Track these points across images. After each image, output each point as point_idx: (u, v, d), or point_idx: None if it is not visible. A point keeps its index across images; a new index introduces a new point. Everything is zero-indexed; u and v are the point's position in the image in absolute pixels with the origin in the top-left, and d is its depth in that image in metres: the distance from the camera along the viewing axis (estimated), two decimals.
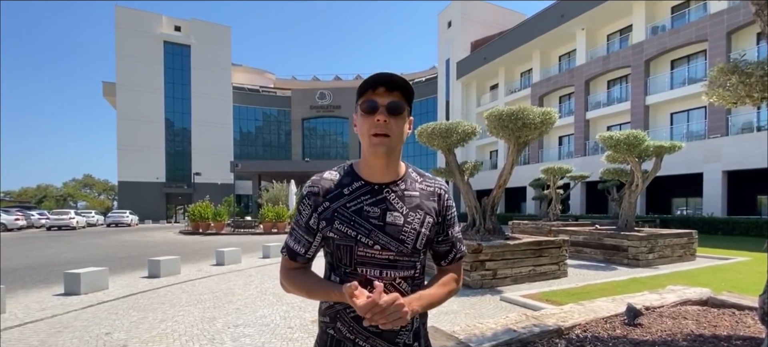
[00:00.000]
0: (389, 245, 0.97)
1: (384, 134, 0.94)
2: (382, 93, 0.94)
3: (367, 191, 1.00)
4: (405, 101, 0.96)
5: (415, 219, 0.99)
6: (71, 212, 28.65)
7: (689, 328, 3.12)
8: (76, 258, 10.71)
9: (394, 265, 0.97)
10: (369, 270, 0.97)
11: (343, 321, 0.99)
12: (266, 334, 3.98)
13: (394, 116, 0.94)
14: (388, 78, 0.93)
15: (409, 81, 1.10)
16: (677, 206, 22.69)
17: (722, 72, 2.84)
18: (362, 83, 0.95)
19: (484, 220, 7.47)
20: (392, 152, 0.97)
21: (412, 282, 1.01)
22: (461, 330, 3.10)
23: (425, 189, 1.04)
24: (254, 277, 7.32)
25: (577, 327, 3.21)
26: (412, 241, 0.98)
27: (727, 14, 18.57)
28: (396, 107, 0.94)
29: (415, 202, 1.01)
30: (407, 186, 1.02)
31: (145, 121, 44.17)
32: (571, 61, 29.00)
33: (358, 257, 0.97)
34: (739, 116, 18.91)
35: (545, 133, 6.91)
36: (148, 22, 44.81)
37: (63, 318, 4.68)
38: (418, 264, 1.02)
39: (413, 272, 1.01)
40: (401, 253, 0.98)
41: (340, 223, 0.97)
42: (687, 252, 8.96)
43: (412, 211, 1.00)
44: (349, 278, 0.98)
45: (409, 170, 1.06)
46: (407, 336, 1.01)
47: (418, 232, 0.99)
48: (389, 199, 0.99)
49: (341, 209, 0.98)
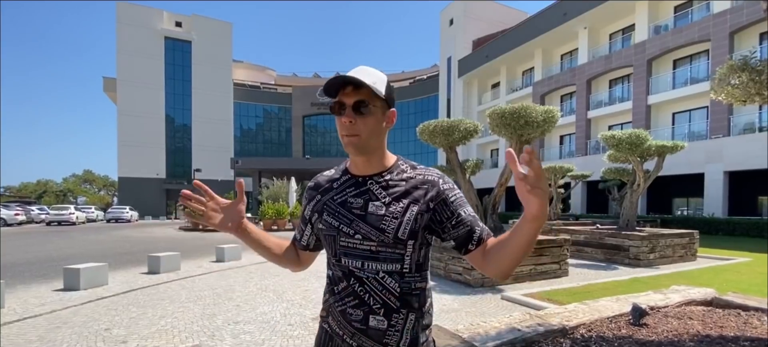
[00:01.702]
0: (370, 235, 0.94)
1: (351, 133, 0.93)
2: (349, 93, 0.93)
3: (351, 183, 1.02)
4: (374, 96, 0.92)
5: (397, 209, 0.95)
6: (71, 208, 28.66)
7: (695, 329, 3.09)
8: (76, 254, 10.69)
9: (376, 256, 0.95)
10: (351, 261, 0.97)
11: (334, 316, 1.00)
12: (266, 331, 3.95)
13: (361, 116, 0.92)
14: (351, 78, 0.90)
15: (411, 79, 1.08)
16: (678, 206, 22.65)
17: (732, 69, 2.80)
18: (326, 84, 0.93)
19: (485, 219, 7.43)
20: (365, 149, 0.96)
21: (400, 278, 0.96)
22: (465, 329, 3.06)
23: (414, 178, 1.00)
24: (254, 274, 7.30)
25: (581, 326, 3.18)
26: (393, 230, 0.93)
27: (730, 14, 18.49)
28: (362, 107, 0.92)
29: (400, 191, 0.97)
30: (393, 177, 1.00)
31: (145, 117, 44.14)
32: (573, 60, 28.91)
33: (340, 248, 0.98)
34: (741, 117, 18.85)
35: (547, 131, 6.87)
36: (149, 18, 44.71)
37: (62, 314, 4.65)
38: (405, 258, 0.96)
39: (400, 266, 0.95)
40: (382, 243, 0.94)
41: (328, 214, 1.02)
42: (688, 253, 8.92)
43: (395, 200, 0.96)
44: (335, 270, 1.01)
45: (400, 162, 1.03)
46: (397, 340, 0.95)
47: (399, 221, 0.94)
48: (372, 190, 0.99)
49: (329, 202, 1.03)
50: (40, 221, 29.12)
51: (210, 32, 47.34)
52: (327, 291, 1.05)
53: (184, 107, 46.68)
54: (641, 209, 21.03)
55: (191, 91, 46.53)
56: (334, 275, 1.01)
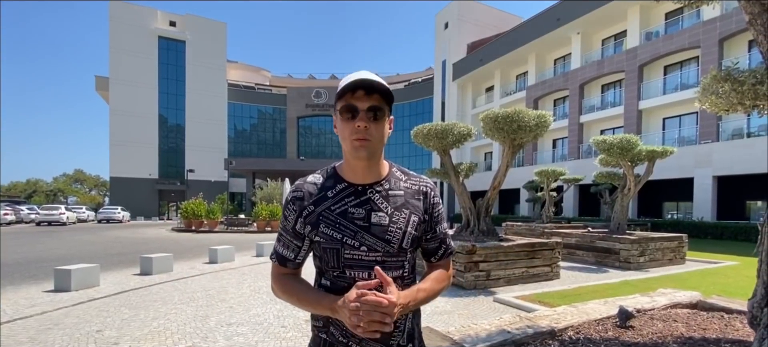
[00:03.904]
0: (376, 246, 0.97)
1: (365, 138, 0.94)
2: (361, 97, 0.93)
3: (350, 192, 0.99)
4: (384, 103, 0.95)
5: (400, 219, 0.99)
6: (61, 208, 28.29)
7: (679, 331, 3.17)
8: (67, 254, 10.58)
9: (381, 266, 0.96)
10: (357, 273, 0.97)
11: (336, 326, 0.99)
12: (259, 333, 3.97)
13: (374, 121, 0.94)
14: (367, 82, 0.92)
15: (406, 82, 1.12)
16: (668, 210, 22.97)
17: (715, 79, 2.88)
18: (341, 87, 0.93)
19: (478, 221, 7.51)
20: (374, 154, 0.97)
21: (402, 282, 1.01)
22: (456, 331, 3.11)
23: (410, 187, 1.04)
24: (248, 275, 7.29)
25: (569, 328, 3.24)
26: (398, 241, 0.98)
27: (719, 22, 18.84)
28: (376, 112, 0.94)
29: (400, 201, 1.01)
30: (391, 186, 1.02)
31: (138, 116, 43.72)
32: (566, 64, 29.23)
33: (344, 260, 0.97)
34: (730, 123, 19.19)
35: (540, 136, 6.96)
36: (142, 17, 44.34)
37: (53, 315, 4.62)
38: (406, 264, 1.02)
39: (402, 272, 1.01)
40: (388, 253, 0.98)
41: (326, 226, 0.97)
42: (677, 256, 9.07)
43: (397, 210, 1.00)
44: (337, 281, 0.98)
45: (393, 169, 1.06)
46: (401, 337, 1.01)
47: (403, 231, 0.99)
48: (373, 199, 0.99)
49: (326, 213, 0.98)
50: (30, 221, 28.73)
51: (204, 32, 47.06)
52: None
53: (178, 107, 46.31)
54: (632, 212, 21.30)
55: (185, 91, 46.18)
56: (335, 286, 0.99)
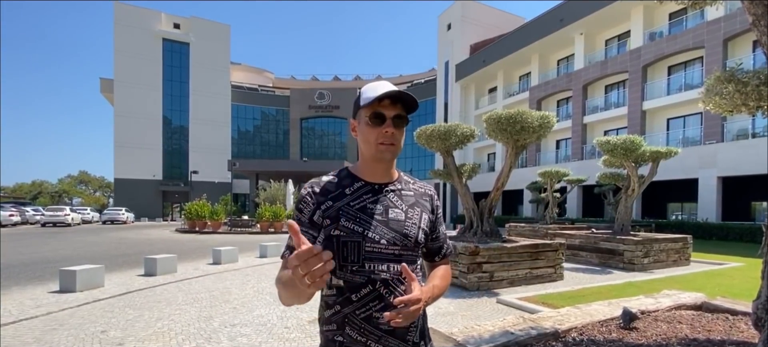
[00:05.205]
0: (395, 240, 1.03)
1: (391, 143, 1.03)
2: (387, 105, 1.02)
3: (368, 190, 1.06)
4: (405, 112, 1.05)
5: (414, 215, 1.08)
6: (66, 209, 28.45)
7: (684, 332, 3.15)
8: (72, 255, 10.66)
9: (399, 259, 1.02)
10: (376, 265, 1.00)
11: (353, 325, 0.99)
12: (263, 334, 3.98)
13: (399, 128, 1.04)
14: (395, 94, 1.01)
15: (409, 83, 1.17)
16: (672, 211, 22.83)
17: (719, 80, 2.87)
18: (373, 97, 1.01)
19: (481, 222, 7.49)
20: (394, 157, 1.07)
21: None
22: (459, 332, 3.11)
23: (418, 190, 1.15)
24: (251, 276, 7.31)
25: (573, 330, 3.23)
26: (415, 235, 1.06)
27: (723, 22, 18.72)
28: (401, 120, 1.04)
29: (412, 200, 1.11)
30: (403, 187, 1.12)
31: (142, 118, 43.96)
32: (569, 65, 29.14)
33: (365, 253, 1.00)
34: (735, 123, 19.05)
35: (543, 136, 6.94)
36: (147, 19, 44.61)
37: (58, 316, 4.66)
38: (418, 260, 1.10)
39: (415, 266, 1.07)
40: (406, 247, 1.04)
41: (346, 220, 1.01)
42: (682, 257, 9.02)
43: (410, 208, 1.09)
44: (355, 276, 0.99)
45: (401, 173, 1.16)
46: (415, 334, 1.05)
47: (418, 227, 1.07)
48: (389, 197, 1.07)
49: (346, 207, 1.03)
50: (35, 223, 28.92)
51: (208, 34, 47.27)
52: (336, 302, 1.01)
53: (182, 109, 46.53)
54: (636, 213, 21.18)
55: (189, 92, 46.40)
56: (353, 282, 0.99)
